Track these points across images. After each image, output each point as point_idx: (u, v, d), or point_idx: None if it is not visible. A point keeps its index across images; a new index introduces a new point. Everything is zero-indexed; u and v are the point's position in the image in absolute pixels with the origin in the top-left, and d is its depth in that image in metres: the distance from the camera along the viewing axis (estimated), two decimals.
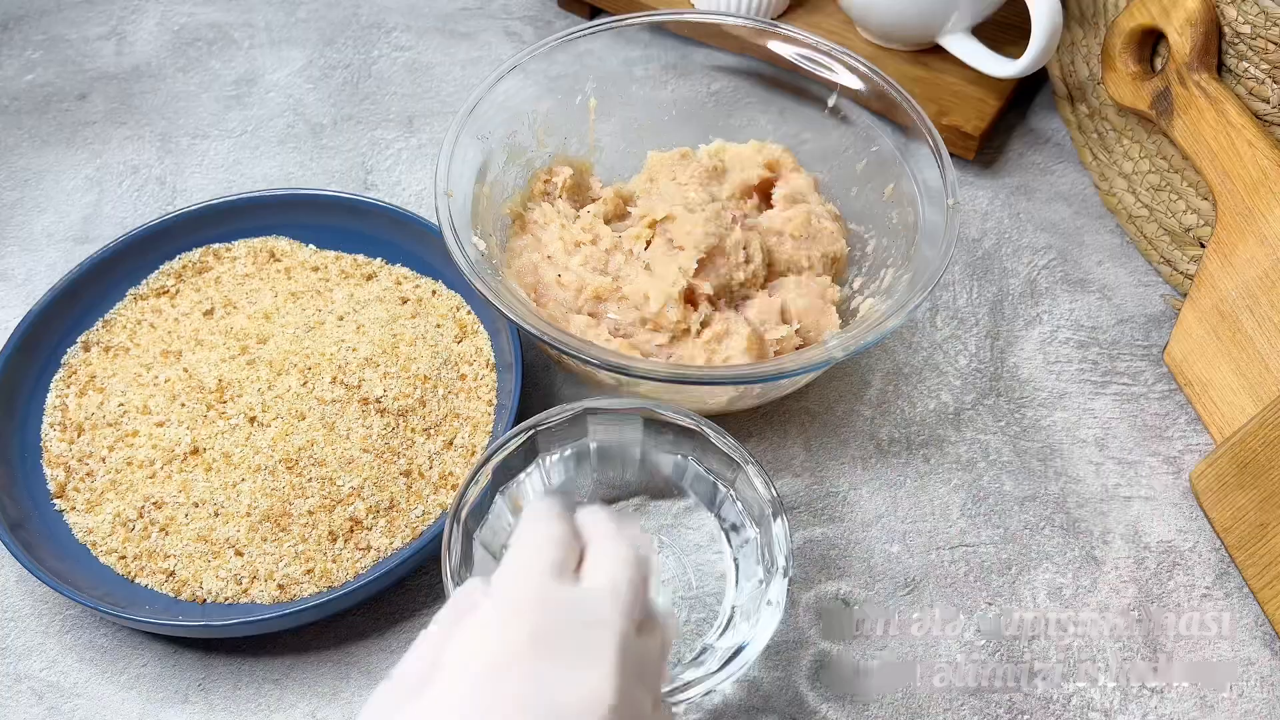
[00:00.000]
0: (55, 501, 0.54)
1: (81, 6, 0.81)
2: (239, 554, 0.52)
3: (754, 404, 0.58)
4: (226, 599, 0.51)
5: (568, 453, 0.51)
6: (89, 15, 0.80)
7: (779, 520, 0.48)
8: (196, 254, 0.62)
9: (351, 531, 0.52)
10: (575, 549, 0.36)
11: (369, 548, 0.52)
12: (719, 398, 0.55)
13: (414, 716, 0.31)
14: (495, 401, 0.57)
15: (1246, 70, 0.58)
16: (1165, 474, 0.59)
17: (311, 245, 0.63)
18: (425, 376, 0.57)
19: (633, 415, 0.51)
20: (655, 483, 0.53)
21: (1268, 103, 0.58)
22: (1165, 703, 0.51)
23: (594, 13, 0.79)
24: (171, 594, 0.51)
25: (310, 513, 0.52)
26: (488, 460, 0.49)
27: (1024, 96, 0.76)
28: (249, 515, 0.52)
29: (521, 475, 0.50)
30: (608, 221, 0.60)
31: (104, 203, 0.69)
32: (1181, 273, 0.65)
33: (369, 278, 0.62)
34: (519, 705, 0.30)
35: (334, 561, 0.52)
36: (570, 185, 0.61)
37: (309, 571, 0.51)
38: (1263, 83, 0.58)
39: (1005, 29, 0.73)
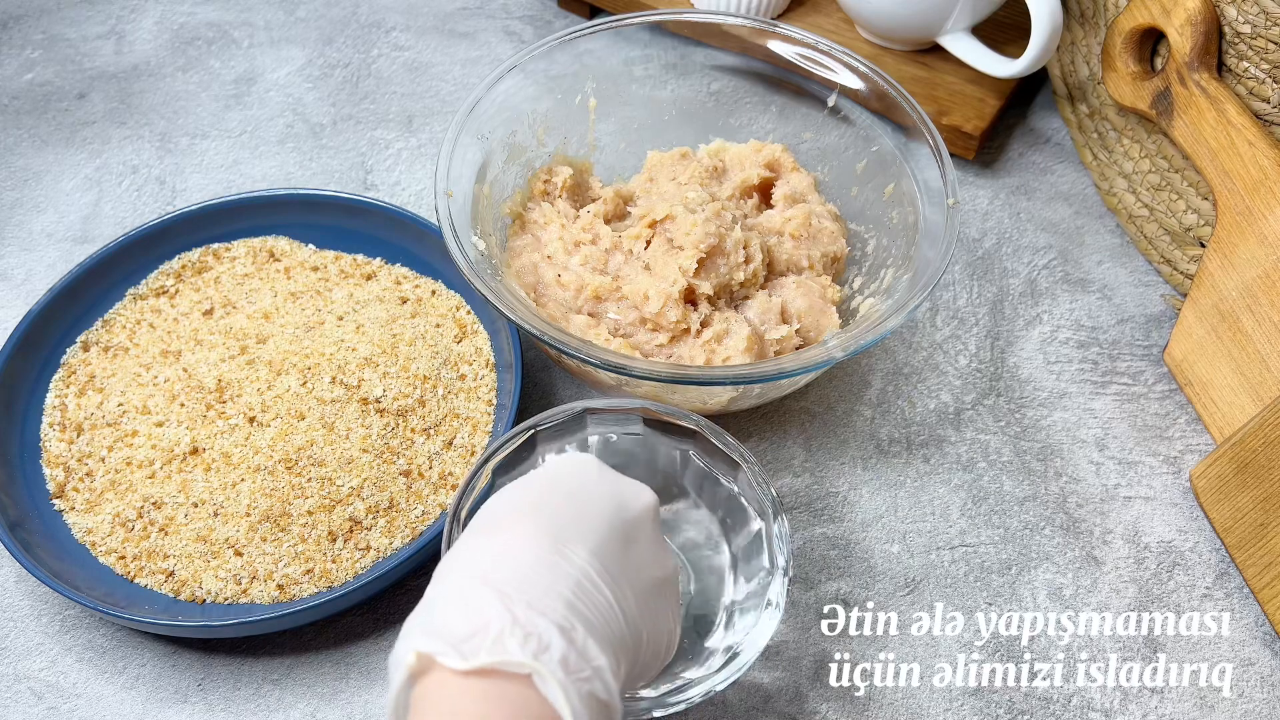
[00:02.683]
0: (54, 501, 0.54)
1: (81, 6, 0.80)
2: (238, 554, 0.51)
3: (754, 404, 0.58)
4: (226, 599, 0.51)
5: (567, 452, 0.51)
6: (88, 15, 0.80)
7: (778, 520, 0.48)
8: (196, 254, 0.62)
9: (351, 531, 0.52)
10: None
11: (368, 548, 0.52)
12: (719, 398, 0.55)
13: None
14: (495, 401, 0.57)
15: (1246, 70, 0.58)
16: (1165, 474, 0.59)
17: (311, 245, 0.63)
18: (425, 376, 0.57)
19: (632, 415, 0.51)
20: (654, 482, 0.53)
21: (1268, 102, 0.58)
22: (1165, 703, 0.51)
23: (594, 12, 0.79)
24: (171, 594, 0.51)
25: (310, 513, 0.52)
26: (487, 460, 0.49)
27: (1024, 96, 0.76)
28: (248, 515, 0.52)
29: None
30: (608, 221, 0.60)
31: (103, 203, 0.69)
32: (1181, 272, 0.65)
33: (368, 277, 0.62)
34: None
35: (333, 562, 0.52)
36: (570, 185, 0.61)
37: (308, 572, 0.51)
38: (1263, 82, 0.58)
39: (1005, 29, 0.73)
